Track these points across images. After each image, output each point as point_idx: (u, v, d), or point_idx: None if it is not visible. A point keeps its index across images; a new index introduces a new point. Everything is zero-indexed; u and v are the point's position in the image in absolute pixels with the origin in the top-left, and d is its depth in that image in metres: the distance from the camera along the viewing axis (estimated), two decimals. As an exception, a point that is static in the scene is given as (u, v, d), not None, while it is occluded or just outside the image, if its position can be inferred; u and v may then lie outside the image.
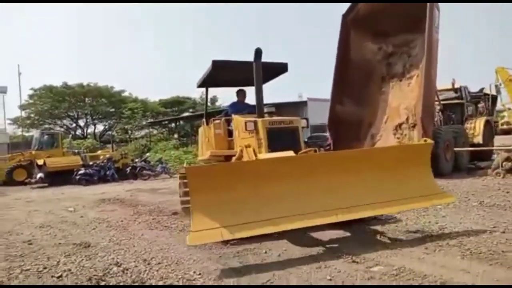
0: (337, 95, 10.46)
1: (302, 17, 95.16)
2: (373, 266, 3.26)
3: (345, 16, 10.74)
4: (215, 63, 6.03)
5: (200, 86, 7.34)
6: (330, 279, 3.05)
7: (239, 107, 6.65)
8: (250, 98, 6.64)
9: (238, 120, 5.73)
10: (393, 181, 4.19)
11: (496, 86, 13.35)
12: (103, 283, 3.33)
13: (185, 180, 6.40)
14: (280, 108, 6.64)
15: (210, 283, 3.17)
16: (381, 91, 10.54)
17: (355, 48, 10.65)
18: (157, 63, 77.03)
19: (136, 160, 18.16)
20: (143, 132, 34.97)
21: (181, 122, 37.04)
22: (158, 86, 74.39)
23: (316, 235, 4.41)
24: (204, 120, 7.09)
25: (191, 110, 41.95)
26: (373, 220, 4.92)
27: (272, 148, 4.85)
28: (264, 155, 4.64)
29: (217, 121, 6.45)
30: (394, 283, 2.88)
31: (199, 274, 3.37)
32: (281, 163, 4.11)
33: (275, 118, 5.26)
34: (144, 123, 34.62)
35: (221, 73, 6.39)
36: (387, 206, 4.06)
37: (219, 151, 6.20)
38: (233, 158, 5.48)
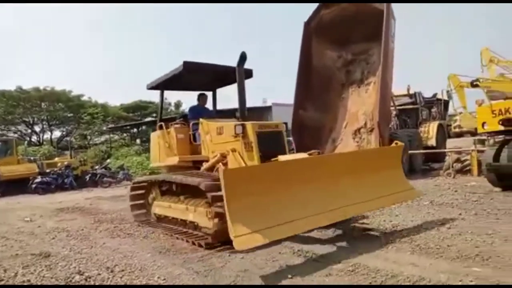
0: (300, 101, 10.73)
1: (265, 21, 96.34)
2: (332, 264, 3.44)
3: (307, 24, 11.06)
4: (187, 65, 5.74)
5: (153, 88, 6.92)
6: (291, 277, 3.19)
7: (199, 111, 6.53)
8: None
9: (209, 124, 5.60)
10: (377, 179, 4.56)
11: (448, 92, 14.14)
12: (65, 292, 3.28)
13: (138, 192, 6.33)
14: (252, 111, 6.70)
15: None
16: (341, 97, 10.93)
17: (317, 55, 10.99)
18: (119, 67, 74.97)
19: (96, 167, 17.62)
20: (103, 138, 33.94)
21: (144, 127, 36.30)
22: (119, 90, 72.32)
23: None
24: (159, 124, 6.66)
25: (154, 115, 41.17)
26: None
27: (261, 152, 4.86)
28: (284, 157, 4.66)
29: (178, 126, 6.26)
30: (350, 278, 3.06)
31: (164, 279, 3.41)
32: (314, 163, 4.37)
33: (263, 122, 5.30)
34: (104, 128, 33.61)
35: (185, 76, 6.09)
36: (375, 203, 4.47)
37: (189, 156, 6.00)
38: (205, 164, 5.48)
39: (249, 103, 6.61)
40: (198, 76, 6.41)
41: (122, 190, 13.82)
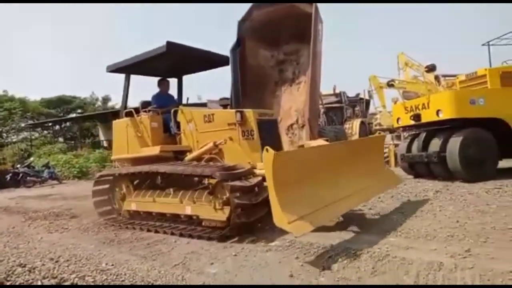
0: (237, 98, 11.06)
1: (204, 17, 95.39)
2: (271, 242, 3.83)
3: (240, 24, 11.43)
4: (171, 46, 5.31)
5: (116, 71, 6.27)
6: (235, 255, 3.52)
7: (165, 99, 6.21)
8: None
9: (193, 112, 5.32)
10: (371, 167, 4.86)
11: (369, 92, 15.41)
12: (8, 283, 3.26)
13: (102, 187, 5.71)
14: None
15: (124, 271, 3.35)
16: (275, 94, 11.48)
17: (251, 54, 11.41)
18: (39, 57, 69.16)
19: (18, 166, 16.35)
20: (21, 136, 31.26)
21: (68, 123, 34.13)
22: (40, 83, 66.74)
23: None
24: (127, 111, 6.01)
25: (79, 110, 38.88)
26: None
27: (261, 140, 4.69)
28: (310, 143, 4.89)
29: (151, 114, 5.71)
30: (286, 253, 3.46)
31: (112, 265, 3.53)
32: (338, 149, 4.53)
33: (260, 109, 5.13)
34: (23, 125, 30.98)
35: (159, 59, 5.69)
36: (374, 189, 4.74)
37: (171, 146, 5.55)
38: (189, 154, 5.23)
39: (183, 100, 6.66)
40: (170, 60, 5.97)
41: (48, 189, 13.11)
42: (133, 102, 6.72)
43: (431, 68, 9.25)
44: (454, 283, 2.56)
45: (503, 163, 7.69)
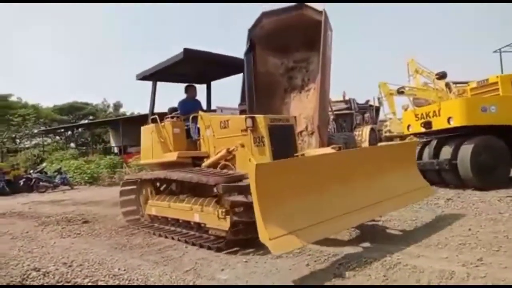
0: (250, 105, 11.19)
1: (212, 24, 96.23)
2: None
3: (250, 31, 11.55)
4: (188, 53, 5.35)
5: (144, 78, 6.44)
6: (246, 261, 3.54)
7: (191, 105, 6.21)
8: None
9: (211, 118, 5.30)
10: (397, 176, 4.39)
11: (379, 98, 15.37)
12: (23, 287, 3.32)
13: (130, 187, 5.91)
14: None
15: (136, 277, 3.39)
16: (284, 101, 11.53)
17: (261, 61, 11.50)
18: (53, 65, 70.47)
19: (31, 171, 16.61)
20: (34, 141, 31.75)
21: (80, 129, 34.58)
22: (53, 90, 67.93)
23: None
24: (152, 118, 6.11)
25: (90, 117, 39.43)
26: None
27: (272, 147, 4.57)
28: (314, 151, 4.50)
29: (174, 120, 5.80)
30: (297, 260, 3.47)
31: (124, 270, 3.58)
32: (349, 157, 4.20)
33: (274, 115, 5.04)
34: (36, 131, 31.49)
35: (182, 65, 5.79)
36: (399, 201, 4.24)
37: (188, 152, 5.56)
38: (206, 160, 5.17)
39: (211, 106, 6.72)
40: (196, 66, 6.08)
41: (60, 195, 13.29)
42: (161, 107, 6.82)
43: (441, 75, 9.21)
44: (466, 292, 2.54)
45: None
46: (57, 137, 34.64)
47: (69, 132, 34.17)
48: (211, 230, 4.30)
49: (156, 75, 6.25)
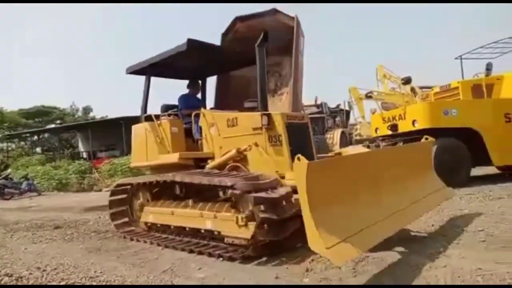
0: (220, 108, 11.26)
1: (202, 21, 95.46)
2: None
3: (224, 35, 11.67)
4: (192, 44, 4.88)
5: (136, 72, 5.84)
6: (223, 260, 3.63)
7: (195, 101, 5.83)
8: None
9: (216, 116, 4.97)
10: (420, 179, 4.17)
11: (349, 102, 15.80)
12: (-4, 292, 3.28)
13: (120, 197, 5.28)
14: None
15: (113, 278, 3.41)
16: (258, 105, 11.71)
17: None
18: (16, 65, 67.61)
19: (-5, 177, 15.98)
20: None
21: (46, 134, 33.47)
22: (18, 93, 65.15)
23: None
24: (146, 116, 5.68)
25: (58, 121, 38.21)
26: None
27: (290, 147, 4.29)
28: (351, 149, 4.01)
29: (171, 118, 5.35)
30: (272, 256, 3.60)
31: (101, 272, 3.58)
32: (397, 153, 4.03)
33: (290, 112, 4.83)
34: (-1, 136, 30.26)
35: (181, 59, 5.33)
36: (425, 204, 3.97)
37: (191, 153, 5.12)
38: (210, 162, 4.83)
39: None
40: (195, 60, 5.67)
41: (28, 201, 12.89)
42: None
43: (407, 81, 9.66)
44: None
45: (475, 171, 8.07)
46: (22, 142, 33.38)
47: (35, 137, 33.01)
48: (227, 238, 3.86)
49: (151, 69, 5.69)
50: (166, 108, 5.76)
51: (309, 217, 2.63)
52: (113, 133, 27.14)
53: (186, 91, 6.15)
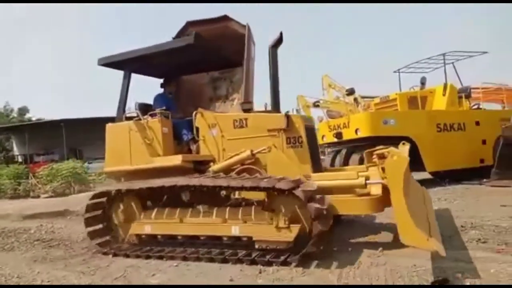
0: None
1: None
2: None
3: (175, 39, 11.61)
4: (199, 38, 4.67)
5: (111, 65, 5.31)
6: (177, 265, 3.68)
7: (170, 102, 5.54)
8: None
9: (217, 116, 4.83)
10: None
11: (297, 110, 16.31)
12: None
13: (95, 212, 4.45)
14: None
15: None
16: (209, 110, 11.77)
17: (185, 70, 11.61)
18: None
19: None
20: None
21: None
22: None
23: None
24: (129, 114, 5.20)
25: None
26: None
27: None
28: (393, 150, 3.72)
29: (161, 118, 4.81)
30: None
31: (48, 281, 3.48)
32: None
33: (302, 115, 4.77)
34: None
35: (172, 54, 5.06)
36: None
37: (191, 155, 4.83)
38: (213, 165, 4.57)
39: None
40: (189, 56, 5.32)
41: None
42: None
43: (350, 92, 10.27)
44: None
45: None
46: None
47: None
48: (259, 243, 3.68)
49: (130, 63, 5.18)
50: (144, 106, 5.28)
51: (406, 214, 2.80)
52: (52, 136, 25.66)
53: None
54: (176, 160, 4.51)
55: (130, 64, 5.18)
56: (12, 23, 73.22)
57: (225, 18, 10.20)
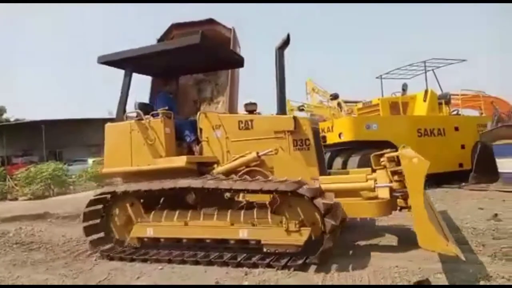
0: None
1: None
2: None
3: (159, 41, 11.53)
4: (206, 38, 4.57)
5: (114, 64, 5.16)
6: (162, 268, 3.66)
7: (172, 102, 5.43)
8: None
9: (222, 117, 4.75)
10: None
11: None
12: None
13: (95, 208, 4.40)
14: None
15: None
16: (194, 112, 11.74)
17: (169, 72, 11.55)
18: None
19: None
20: None
21: None
22: None
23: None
24: (130, 113, 4.99)
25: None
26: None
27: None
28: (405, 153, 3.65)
29: (163, 118, 4.67)
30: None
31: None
32: None
33: (309, 117, 4.75)
34: None
35: (175, 54, 4.93)
36: None
37: (196, 157, 4.71)
38: (217, 166, 4.52)
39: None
40: (188, 56, 5.11)
41: None
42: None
43: (334, 97, 10.43)
44: (354, 279, 3.08)
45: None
46: None
47: None
48: (268, 247, 3.65)
49: (131, 62, 5.05)
50: (144, 106, 5.17)
51: (426, 218, 2.82)
52: (31, 137, 25.07)
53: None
54: (180, 161, 4.40)
55: (131, 63, 5.07)
56: (-10, 20, 71.26)
57: (210, 21, 10.17)
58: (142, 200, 4.48)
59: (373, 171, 4.19)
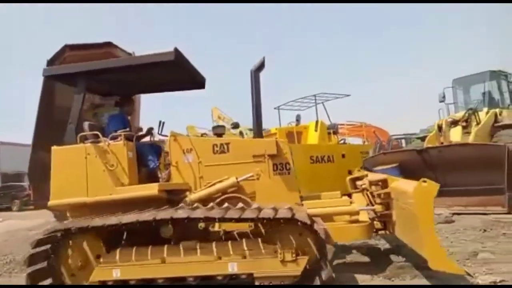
0: (40, 141, 10.03)
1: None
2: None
3: (50, 62, 10.71)
4: (179, 55, 4.16)
5: (62, 79, 4.66)
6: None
7: (127, 124, 4.72)
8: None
9: (193, 140, 4.40)
10: None
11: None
12: None
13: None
14: None
15: None
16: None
17: (61, 94, 10.69)
18: None
19: None
20: None
21: None
22: None
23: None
24: (78, 136, 4.28)
25: None
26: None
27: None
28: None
29: (125, 141, 4.18)
30: None
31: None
32: None
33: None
34: None
35: (136, 70, 4.44)
36: None
37: (168, 184, 4.27)
38: (190, 194, 4.09)
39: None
40: (154, 72, 4.65)
41: None
42: None
43: (235, 126, 10.84)
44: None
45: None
46: None
47: None
48: (261, 280, 3.33)
49: (90, 78, 4.48)
50: (95, 128, 4.53)
51: (435, 240, 2.90)
52: None
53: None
54: (151, 189, 3.94)
55: (85, 78, 4.43)
56: None
57: (108, 44, 9.82)
58: (102, 237, 3.76)
59: (348, 195, 4.39)
